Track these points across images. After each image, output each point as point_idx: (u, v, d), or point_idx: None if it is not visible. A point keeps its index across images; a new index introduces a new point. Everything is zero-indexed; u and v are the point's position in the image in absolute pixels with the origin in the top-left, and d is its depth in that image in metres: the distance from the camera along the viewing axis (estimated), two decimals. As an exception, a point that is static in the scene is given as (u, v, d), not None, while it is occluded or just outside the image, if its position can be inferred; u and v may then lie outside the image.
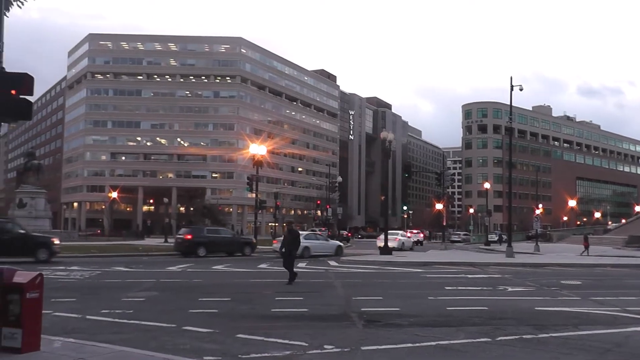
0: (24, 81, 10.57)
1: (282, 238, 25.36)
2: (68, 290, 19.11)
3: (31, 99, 10.95)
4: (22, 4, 10.88)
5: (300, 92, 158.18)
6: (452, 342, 10.96)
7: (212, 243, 40.23)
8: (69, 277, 24.18)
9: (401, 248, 53.02)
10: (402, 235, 59.24)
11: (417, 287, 21.96)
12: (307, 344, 10.59)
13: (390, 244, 45.31)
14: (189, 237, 40.04)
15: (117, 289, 19.49)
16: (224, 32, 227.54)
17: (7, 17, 10.53)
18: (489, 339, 11.27)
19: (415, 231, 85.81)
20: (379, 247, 47.00)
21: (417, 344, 10.74)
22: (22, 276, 9.61)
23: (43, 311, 9.78)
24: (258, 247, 51.16)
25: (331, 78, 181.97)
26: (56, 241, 32.94)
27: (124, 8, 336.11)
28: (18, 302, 9.27)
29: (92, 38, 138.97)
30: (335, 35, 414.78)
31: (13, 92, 10.44)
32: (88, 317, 13.70)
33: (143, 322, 12.81)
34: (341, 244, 47.83)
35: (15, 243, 30.76)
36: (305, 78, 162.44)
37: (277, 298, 17.37)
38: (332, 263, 34.43)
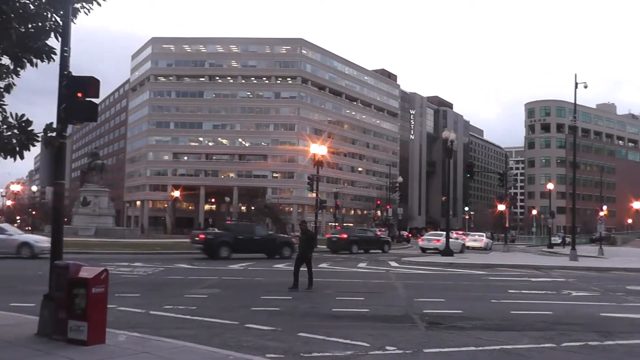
0: (90, 84, 10.83)
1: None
2: (132, 286, 19.53)
3: (96, 101, 11.22)
4: (89, 10, 11.10)
5: (360, 92, 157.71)
6: (515, 346, 10.72)
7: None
8: (132, 273, 24.72)
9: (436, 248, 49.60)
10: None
11: (480, 289, 21.60)
12: (368, 345, 10.53)
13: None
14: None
15: (180, 286, 19.82)
16: (285, 34, 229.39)
17: (75, 23, 10.77)
18: (554, 345, 10.99)
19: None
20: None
21: (480, 348, 10.56)
22: (87, 271, 9.88)
23: (108, 306, 10.04)
24: (319, 246, 51.35)
25: (392, 77, 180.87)
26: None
27: (186, 11, 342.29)
28: (84, 296, 9.54)
29: (155, 42, 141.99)
30: (396, 35, 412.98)
31: (79, 94, 10.71)
32: (152, 312, 13.96)
33: (206, 319, 12.97)
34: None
35: (265, 243, 37.00)
36: (366, 78, 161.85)
37: (337, 297, 17.35)
38: (393, 264, 34.22)
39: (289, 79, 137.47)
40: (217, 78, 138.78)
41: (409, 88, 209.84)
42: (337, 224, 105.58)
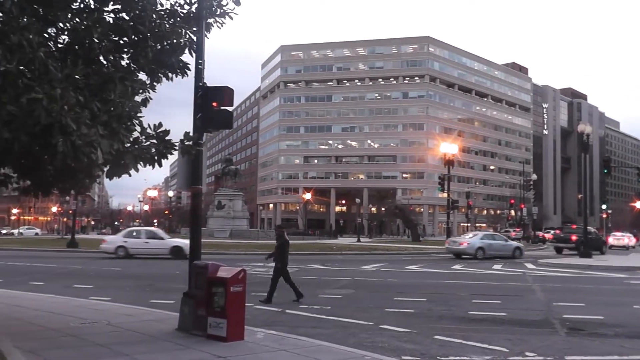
0: (225, 94, 11.29)
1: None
2: (267, 285, 19.98)
3: (229, 109, 11.64)
4: (222, 24, 11.51)
5: (490, 88, 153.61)
6: (664, 357, 9.99)
7: None
8: (267, 273, 25.31)
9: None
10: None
11: (621, 294, 20.30)
12: (507, 350, 10.21)
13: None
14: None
15: (314, 286, 20.11)
16: (411, 33, 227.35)
17: (208, 38, 11.21)
18: None
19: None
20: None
21: (625, 357, 9.92)
22: (225, 271, 10.30)
23: (245, 304, 10.37)
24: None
25: (522, 70, 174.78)
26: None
27: (312, 18, 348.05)
28: (223, 294, 9.96)
29: (284, 49, 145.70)
30: (525, 25, 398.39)
31: (214, 104, 11.17)
32: (287, 311, 14.30)
33: (341, 319, 13.08)
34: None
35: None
36: (496, 72, 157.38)
37: (473, 300, 16.92)
38: (529, 266, 32.99)
39: (417, 78, 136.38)
40: (345, 81, 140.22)
41: (541, 81, 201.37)
42: (469, 224, 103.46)
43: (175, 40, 10.77)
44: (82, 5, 9.61)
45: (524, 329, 12.43)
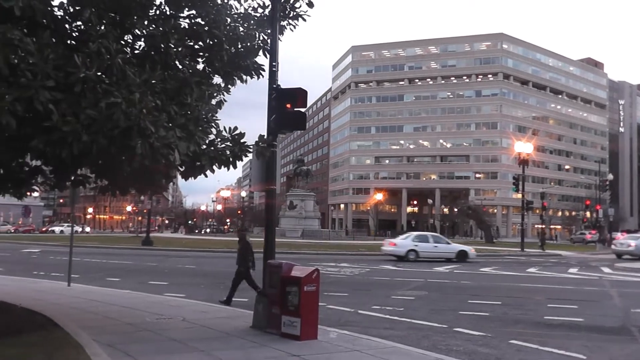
0: (298, 95, 11.40)
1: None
2: (339, 285, 20.12)
3: (303, 110, 11.73)
4: (295, 27, 11.64)
5: (565, 84, 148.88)
6: None
7: None
8: (339, 273, 25.48)
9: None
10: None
11: None
12: (585, 357, 9.92)
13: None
14: None
15: (387, 287, 20.05)
16: (484, 30, 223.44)
17: (281, 40, 11.34)
18: None
19: None
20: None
21: None
22: (299, 270, 10.40)
23: (319, 303, 10.44)
24: (525, 250, 49.42)
25: (598, 66, 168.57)
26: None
27: (383, 17, 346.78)
28: (296, 293, 10.08)
29: (355, 50, 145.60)
30: (601, 20, 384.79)
31: (288, 105, 11.28)
32: (360, 311, 14.29)
33: (414, 321, 12.99)
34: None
35: None
36: (571, 68, 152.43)
37: (549, 305, 16.46)
38: (606, 270, 31.84)
39: (490, 75, 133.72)
40: (417, 80, 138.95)
41: (617, 76, 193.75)
42: (543, 226, 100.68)
43: (249, 43, 10.97)
44: (158, 12, 9.87)
45: (601, 336, 12.05)
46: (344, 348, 9.64)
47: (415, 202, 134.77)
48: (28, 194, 12.00)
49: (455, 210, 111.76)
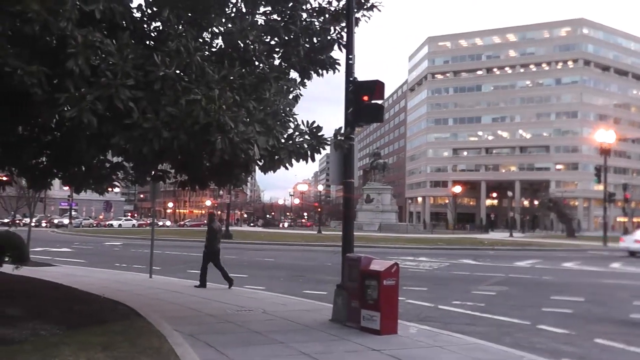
0: (376, 87, 11.35)
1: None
2: (418, 279, 19.95)
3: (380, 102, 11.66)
4: (369, 18, 11.59)
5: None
6: None
7: None
8: (418, 267, 25.30)
9: None
10: None
11: None
12: (676, 359, 9.46)
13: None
14: None
15: (466, 281, 19.76)
16: (563, 15, 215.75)
17: (356, 33, 11.30)
18: None
19: None
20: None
21: None
22: (378, 264, 10.37)
23: (398, 298, 10.38)
24: (608, 244, 47.57)
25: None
26: None
27: (458, 6, 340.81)
28: (376, 287, 10.05)
29: (431, 40, 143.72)
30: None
31: (365, 98, 11.22)
32: (440, 306, 14.13)
33: (495, 317, 12.75)
34: None
35: None
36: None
37: (635, 302, 15.75)
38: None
39: (570, 62, 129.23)
40: (495, 70, 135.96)
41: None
42: (626, 219, 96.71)
43: (324, 37, 10.98)
44: (234, 10, 10.00)
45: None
46: (425, 344, 9.54)
47: (494, 195, 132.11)
48: (109, 189, 12.41)
49: (536, 203, 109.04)
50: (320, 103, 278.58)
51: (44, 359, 7.31)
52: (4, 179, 14.41)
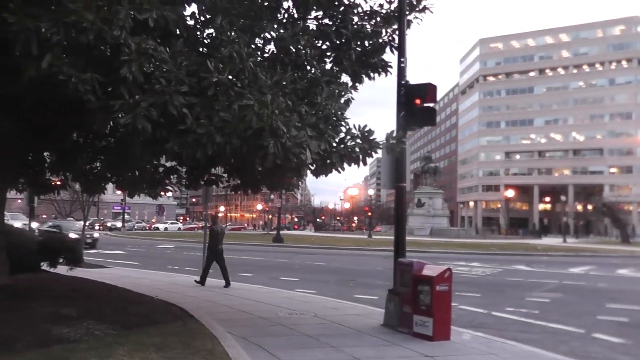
0: (428, 91, 11.26)
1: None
2: (471, 285, 19.70)
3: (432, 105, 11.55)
4: (421, 20, 11.54)
5: None
6: None
7: None
8: (470, 273, 24.98)
9: None
10: None
11: None
12: None
13: None
14: None
15: (520, 288, 19.44)
16: (617, 14, 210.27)
17: (407, 35, 11.25)
18: None
19: None
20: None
21: None
22: (430, 269, 10.27)
23: (451, 303, 10.25)
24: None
25: None
26: None
27: (510, 8, 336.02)
28: (428, 293, 9.97)
29: (482, 42, 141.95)
30: None
31: (417, 101, 11.15)
32: (493, 313, 13.92)
33: (550, 324, 12.50)
34: None
35: None
36: None
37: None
38: None
39: (624, 62, 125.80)
40: (547, 71, 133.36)
41: None
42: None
43: (376, 40, 10.96)
44: (286, 16, 10.06)
45: None
46: (479, 351, 9.41)
47: (547, 199, 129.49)
48: (162, 193, 12.59)
49: (589, 207, 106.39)
50: (367, 106, 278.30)
51: (99, 358, 7.45)
52: (58, 183, 14.78)
